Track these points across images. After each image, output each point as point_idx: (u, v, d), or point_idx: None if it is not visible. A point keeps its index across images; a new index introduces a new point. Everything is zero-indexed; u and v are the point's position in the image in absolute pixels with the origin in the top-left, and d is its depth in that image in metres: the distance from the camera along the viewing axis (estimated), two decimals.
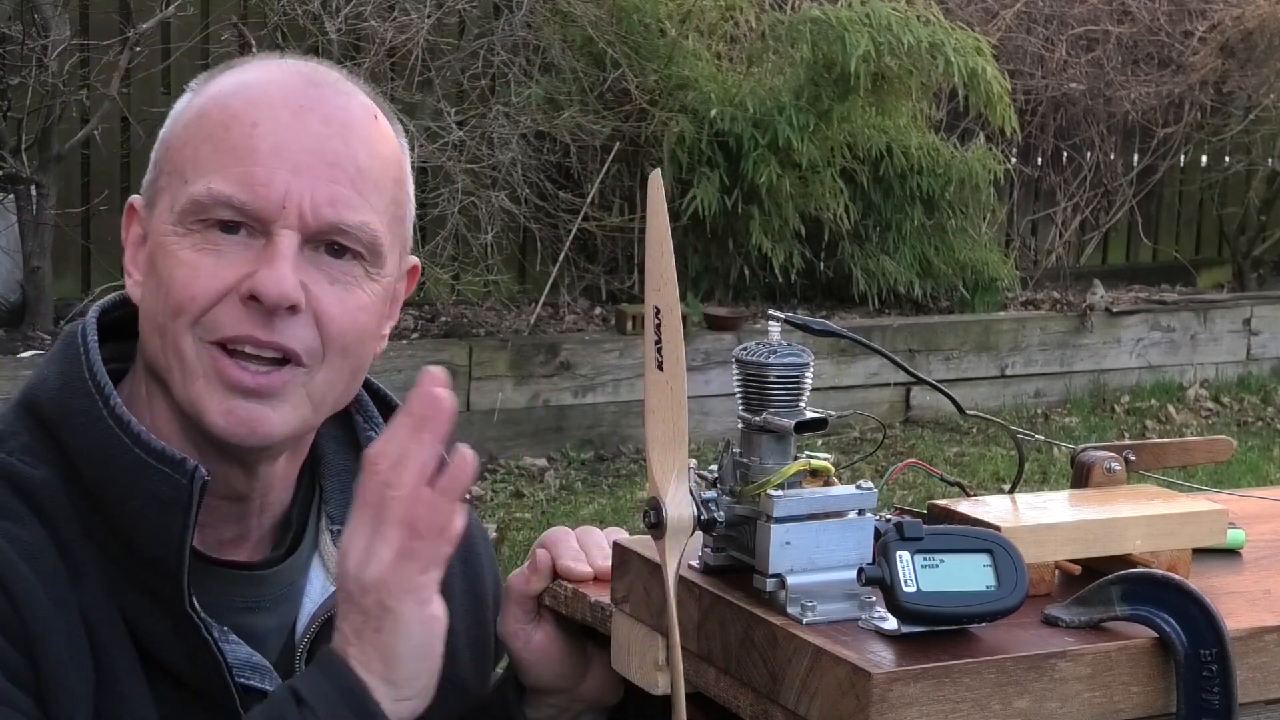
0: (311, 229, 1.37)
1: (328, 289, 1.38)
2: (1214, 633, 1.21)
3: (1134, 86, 9.10)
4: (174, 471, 1.34)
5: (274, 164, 1.36)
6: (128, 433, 1.36)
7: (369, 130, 1.42)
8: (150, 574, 1.37)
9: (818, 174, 7.75)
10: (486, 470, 6.53)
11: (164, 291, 1.37)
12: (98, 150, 6.86)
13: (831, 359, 7.33)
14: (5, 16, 6.32)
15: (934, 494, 1.61)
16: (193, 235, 1.36)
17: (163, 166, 1.42)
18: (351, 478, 1.54)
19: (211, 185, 1.36)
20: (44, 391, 1.41)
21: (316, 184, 1.37)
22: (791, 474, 1.28)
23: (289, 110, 1.38)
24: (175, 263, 1.37)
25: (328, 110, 1.40)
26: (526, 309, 7.34)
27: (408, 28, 6.70)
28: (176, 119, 1.44)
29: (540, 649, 1.54)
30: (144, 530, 1.35)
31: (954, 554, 1.20)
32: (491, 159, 6.91)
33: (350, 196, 1.38)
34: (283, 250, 1.35)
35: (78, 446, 1.38)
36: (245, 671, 1.42)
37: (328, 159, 1.38)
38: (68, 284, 7.01)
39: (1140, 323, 8.70)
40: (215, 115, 1.39)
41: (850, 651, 1.16)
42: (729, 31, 8.07)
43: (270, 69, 1.44)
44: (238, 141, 1.36)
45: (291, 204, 1.36)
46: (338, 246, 1.39)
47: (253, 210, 1.35)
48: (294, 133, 1.37)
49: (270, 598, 1.48)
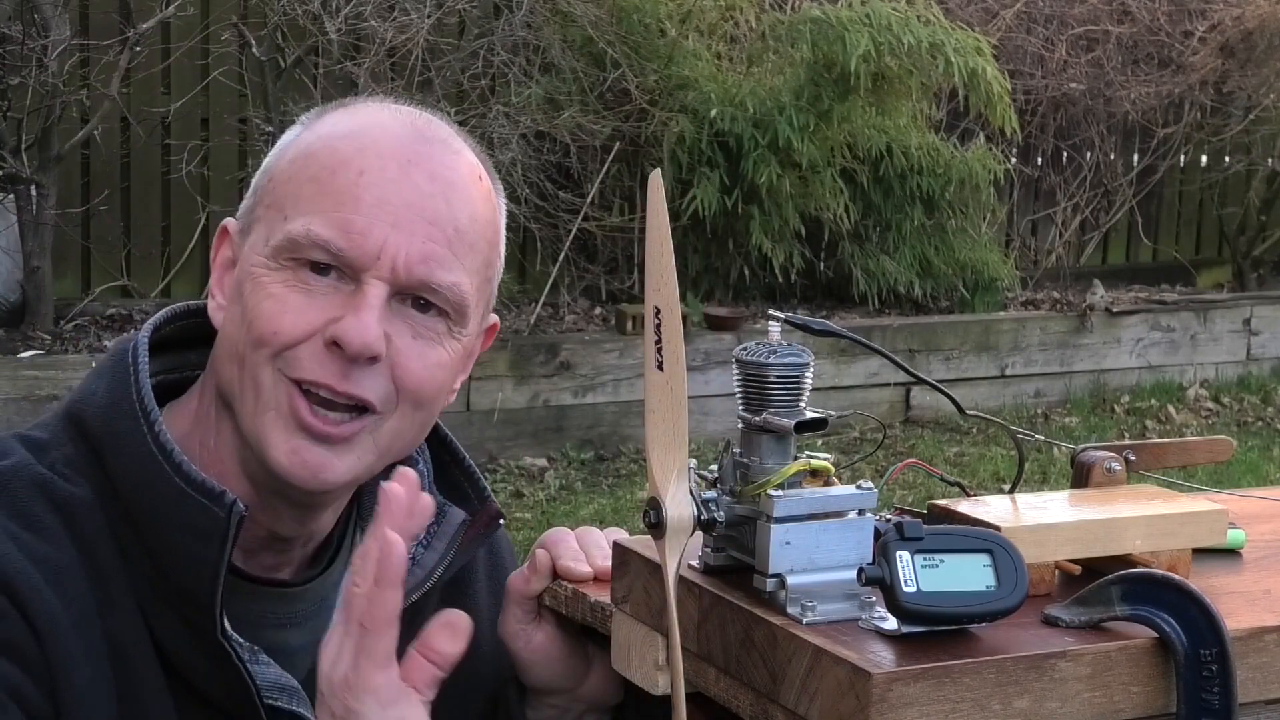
0: (402, 283, 1.38)
1: (410, 342, 1.39)
2: (1214, 633, 1.21)
3: (1134, 86, 9.10)
4: (212, 503, 1.34)
5: (374, 215, 1.36)
6: (169, 461, 1.36)
7: (472, 191, 1.43)
8: (183, 600, 1.37)
9: (818, 174, 7.75)
10: (486, 470, 6.54)
11: (248, 321, 1.37)
12: (98, 150, 6.87)
13: (831, 359, 7.33)
14: (5, 16, 6.32)
15: (934, 494, 1.61)
16: (284, 271, 1.37)
17: (262, 197, 1.42)
18: None
19: (311, 226, 1.36)
20: (90, 407, 1.42)
21: (413, 240, 1.37)
22: (791, 474, 1.28)
23: (396, 163, 1.38)
24: (264, 295, 1.37)
25: (434, 168, 1.40)
26: (526, 309, 7.34)
27: (408, 28, 6.70)
28: (283, 152, 1.44)
29: (540, 649, 1.54)
30: (179, 558, 1.36)
31: (954, 554, 1.20)
32: (491, 159, 6.90)
33: (444, 256, 1.39)
34: (370, 300, 1.36)
35: (119, 468, 1.38)
36: (274, 693, 1.42)
37: (428, 216, 1.38)
38: (68, 284, 7.01)
39: (1140, 323, 8.70)
40: (322, 157, 1.39)
41: (850, 651, 1.16)
42: (729, 31, 8.07)
43: (384, 116, 1.44)
44: (342, 187, 1.37)
45: (386, 257, 1.36)
46: (424, 302, 1.40)
47: (347, 258, 1.36)
48: (398, 186, 1.37)
49: (302, 614, 1.49)
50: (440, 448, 1.59)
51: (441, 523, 1.55)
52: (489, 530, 1.58)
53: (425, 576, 1.52)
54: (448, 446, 1.59)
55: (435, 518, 1.55)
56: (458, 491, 1.58)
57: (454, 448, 1.59)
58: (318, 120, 1.45)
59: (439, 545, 1.54)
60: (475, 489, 1.58)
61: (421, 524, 1.29)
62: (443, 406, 1.48)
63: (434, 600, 1.57)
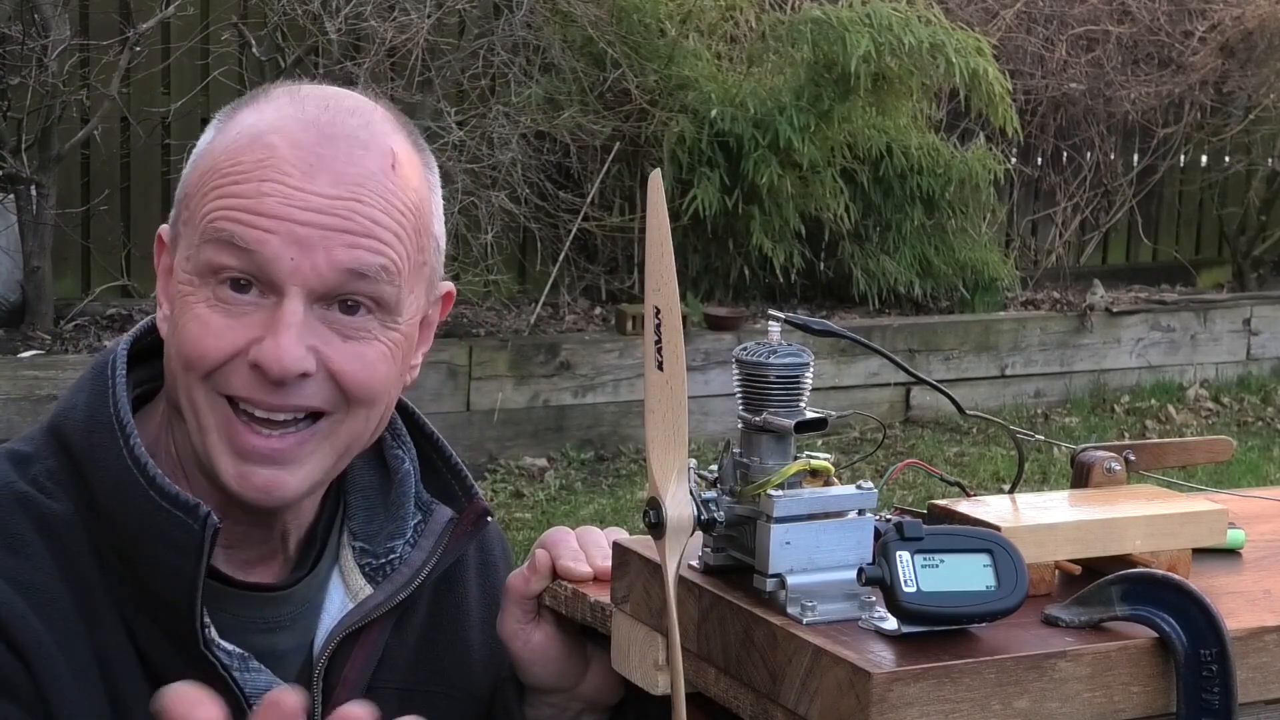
0: (319, 292, 1.36)
1: (341, 347, 1.37)
2: (1214, 633, 1.21)
3: (1134, 86, 9.10)
4: (187, 516, 1.34)
5: (281, 228, 1.34)
6: (144, 475, 1.35)
7: (384, 184, 1.39)
8: (164, 612, 1.37)
9: (818, 174, 7.75)
10: (486, 470, 6.54)
11: (177, 343, 1.37)
12: (98, 150, 6.87)
13: (831, 359, 7.33)
14: (5, 16, 6.32)
15: (934, 494, 1.61)
16: (205, 289, 1.36)
17: (181, 210, 1.41)
18: (376, 494, 1.55)
19: (220, 246, 1.34)
20: (71, 421, 1.42)
21: (327, 248, 1.34)
22: (791, 474, 1.28)
23: (300, 170, 1.35)
24: (189, 317, 1.36)
25: (339, 170, 1.36)
26: (526, 309, 7.34)
27: (408, 28, 6.70)
28: (196, 161, 1.42)
29: (540, 649, 1.53)
30: (157, 572, 1.36)
31: (954, 554, 1.20)
32: (491, 159, 6.91)
33: (361, 256, 1.36)
34: (287, 319, 1.34)
35: (98, 482, 1.38)
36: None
37: (338, 224, 1.35)
38: (68, 284, 7.02)
39: (1140, 323, 8.70)
40: (224, 168, 1.37)
41: (850, 651, 1.16)
42: (729, 31, 8.07)
43: (285, 114, 1.39)
44: (246, 202, 1.34)
45: (299, 271, 1.34)
46: (350, 303, 1.38)
47: (259, 272, 1.34)
48: (304, 195, 1.34)
49: (289, 616, 1.49)
50: (426, 445, 1.58)
51: (428, 521, 1.55)
52: (477, 528, 1.57)
53: (412, 575, 1.51)
54: (434, 443, 1.58)
55: (422, 516, 1.55)
56: (445, 489, 1.58)
57: (440, 445, 1.59)
58: (227, 123, 1.42)
59: (426, 544, 1.53)
60: (462, 486, 1.58)
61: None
62: (402, 389, 1.47)
63: (424, 599, 1.57)
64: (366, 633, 1.49)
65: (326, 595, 1.51)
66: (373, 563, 1.52)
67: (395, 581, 1.51)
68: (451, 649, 1.59)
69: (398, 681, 1.53)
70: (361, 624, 1.49)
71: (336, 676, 1.48)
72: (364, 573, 1.52)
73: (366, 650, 1.49)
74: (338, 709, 1.12)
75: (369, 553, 1.52)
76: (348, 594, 1.51)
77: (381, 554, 1.52)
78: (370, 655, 1.49)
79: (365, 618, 1.49)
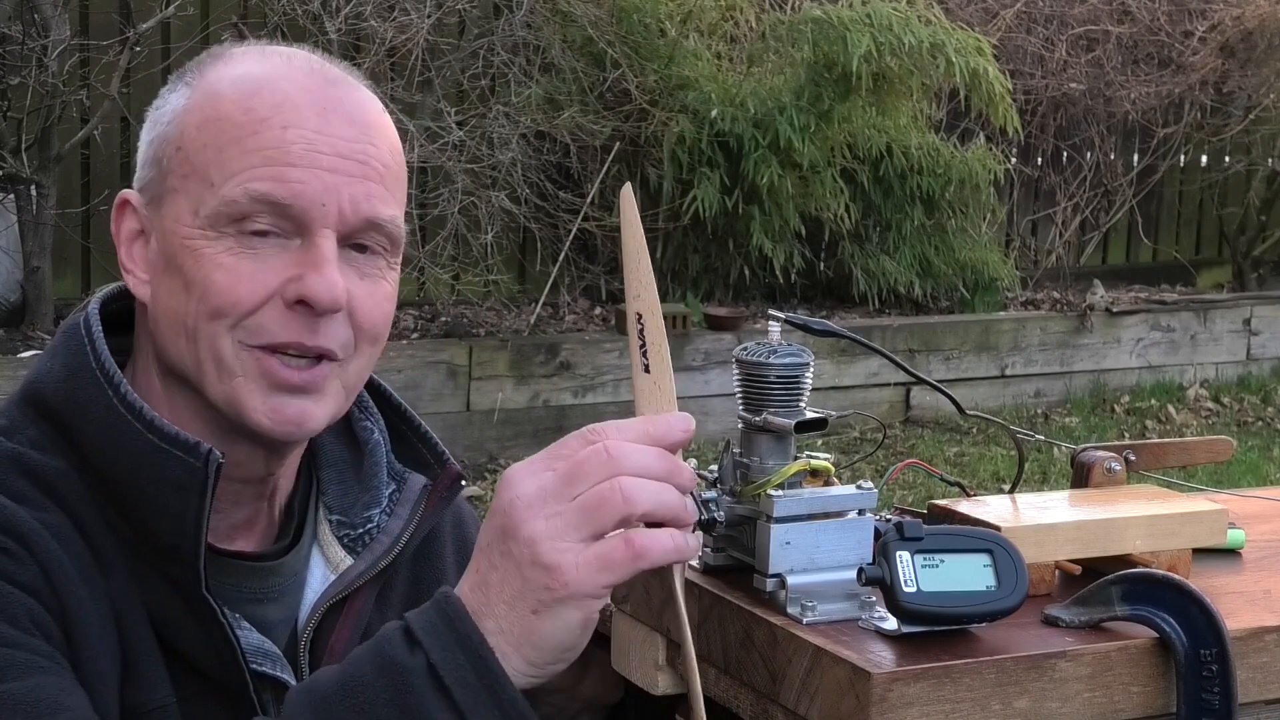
0: (349, 228, 1.39)
1: (359, 284, 1.40)
2: (1214, 633, 1.21)
3: (1134, 86, 9.10)
4: (188, 455, 1.34)
5: (310, 165, 1.36)
6: (140, 419, 1.36)
7: (386, 126, 1.44)
8: (167, 560, 1.37)
9: (818, 174, 7.75)
10: (486, 470, 6.54)
11: (198, 294, 1.37)
12: (98, 150, 6.87)
13: (831, 359, 7.33)
14: (5, 16, 6.32)
15: (934, 494, 1.62)
16: (227, 239, 1.36)
17: (173, 167, 1.40)
18: (348, 467, 1.56)
19: (250, 187, 1.35)
20: (49, 383, 1.41)
21: (353, 184, 1.38)
22: (791, 474, 1.28)
23: (314, 112, 1.38)
24: (213, 266, 1.36)
25: (349, 110, 1.41)
26: (526, 309, 7.34)
27: (408, 28, 6.70)
28: (180, 117, 1.41)
29: None
30: (159, 515, 1.36)
31: (954, 554, 1.20)
32: (491, 159, 6.91)
33: (382, 193, 1.40)
34: (326, 254, 1.37)
35: (88, 436, 1.38)
36: (258, 658, 1.42)
37: (359, 158, 1.39)
38: (68, 284, 7.02)
39: (1140, 323, 8.70)
40: (237, 117, 1.38)
41: (850, 651, 1.16)
42: (729, 31, 8.07)
43: (279, 66, 1.43)
44: (270, 144, 1.36)
45: (331, 205, 1.37)
46: (361, 244, 1.41)
47: (295, 212, 1.36)
48: (324, 135, 1.38)
49: (277, 589, 1.49)
50: (395, 415, 1.59)
51: (403, 489, 1.56)
52: (451, 493, 1.58)
53: (391, 543, 1.52)
54: (401, 414, 1.60)
55: (396, 486, 1.56)
56: (416, 458, 1.59)
57: (408, 414, 1.60)
58: (206, 78, 1.43)
59: (403, 511, 1.54)
60: (434, 453, 1.59)
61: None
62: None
63: (404, 570, 1.57)
64: (350, 603, 1.50)
65: (309, 569, 1.52)
66: (351, 534, 1.53)
67: (375, 550, 1.52)
68: None
69: None
70: (345, 594, 1.49)
71: (322, 648, 1.48)
72: (343, 544, 1.53)
73: (351, 621, 1.50)
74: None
75: (346, 524, 1.54)
76: (329, 566, 1.52)
77: (359, 524, 1.54)
78: (355, 625, 1.50)
79: (348, 588, 1.49)
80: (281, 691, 1.41)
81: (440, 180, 6.84)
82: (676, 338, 7.20)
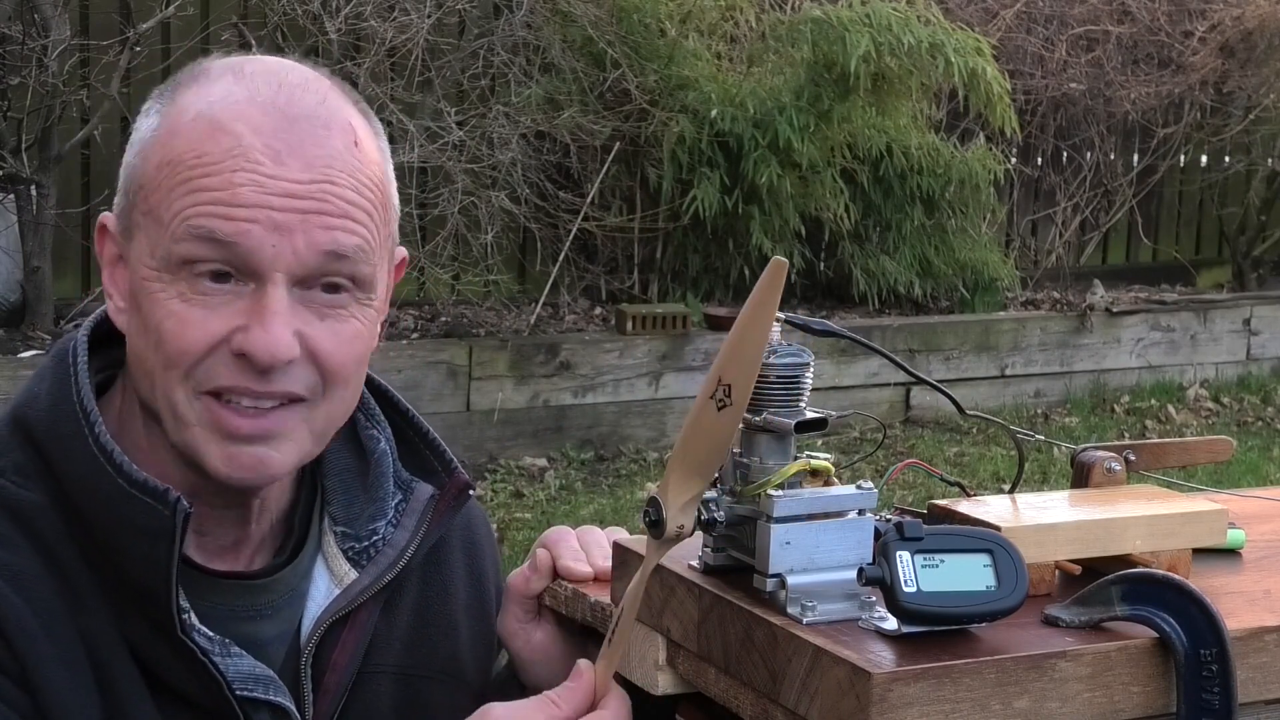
0: (299, 275, 1.34)
1: (320, 327, 1.36)
2: (1214, 633, 1.21)
3: (1134, 86, 9.10)
4: (156, 502, 1.33)
5: (260, 206, 1.32)
6: (111, 462, 1.34)
7: (350, 161, 1.37)
8: (143, 599, 1.36)
9: (818, 174, 7.75)
10: (486, 470, 6.54)
11: (153, 341, 1.35)
12: (98, 150, 6.86)
13: (831, 359, 7.33)
14: (5, 16, 6.32)
15: (934, 494, 1.61)
16: (180, 283, 1.33)
17: (136, 201, 1.38)
18: (353, 477, 1.53)
19: (192, 224, 1.32)
20: (35, 411, 1.40)
21: (306, 231, 1.33)
22: (791, 474, 1.28)
23: (269, 158, 1.33)
24: (164, 313, 1.34)
25: (308, 152, 1.34)
26: (526, 309, 7.34)
27: (408, 28, 6.70)
28: (145, 150, 1.38)
29: (540, 648, 1.53)
30: (131, 559, 1.34)
31: (954, 554, 1.20)
32: (491, 159, 6.91)
33: (337, 237, 1.35)
34: (273, 305, 1.33)
35: (66, 472, 1.37)
36: (248, 684, 1.40)
37: (313, 206, 1.34)
38: (68, 284, 7.01)
39: (1140, 323, 8.70)
40: (189, 159, 1.34)
41: (850, 651, 1.16)
42: (729, 31, 8.07)
43: (240, 97, 1.36)
44: (219, 193, 1.32)
45: (283, 254, 1.33)
46: (329, 284, 1.37)
47: (242, 251, 1.32)
48: (277, 182, 1.33)
49: (272, 605, 1.47)
50: (402, 422, 1.57)
51: (410, 499, 1.54)
52: (459, 502, 1.56)
53: (397, 556, 1.50)
54: (410, 421, 1.57)
55: (403, 495, 1.54)
56: (424, 466, 1.56)
57: (416, 421, 1.57)
58: (170, 106, 1.40)
59: (409, 523, 1.52)
60: (441, 461, 1.56)
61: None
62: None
63: (413, 579, 1.56)
64: (354, 617, 1.48)
65: (311, 582, 1.50)
66: (356, 546, 1.51)
67: (380, 564, 1.50)
68: (440, 630, 1.58)
69: (391, 665, 1.53)
70: (349, 608, 1.48)
71: (325, 662, 1.47)
72: (347, 557, 1.51)
73: (355, 634, 1.48)
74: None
75: (351, 536, 1.51)
76: (333, 580, 1.50)
77: (364, 537, 1.51)
78: (359, 639, 1.49)
79: (352, 602, 1.48)
80: (277, 713, 1.41)
81: (440, 180, 6.84)
82: (676, 338, 7.21)
